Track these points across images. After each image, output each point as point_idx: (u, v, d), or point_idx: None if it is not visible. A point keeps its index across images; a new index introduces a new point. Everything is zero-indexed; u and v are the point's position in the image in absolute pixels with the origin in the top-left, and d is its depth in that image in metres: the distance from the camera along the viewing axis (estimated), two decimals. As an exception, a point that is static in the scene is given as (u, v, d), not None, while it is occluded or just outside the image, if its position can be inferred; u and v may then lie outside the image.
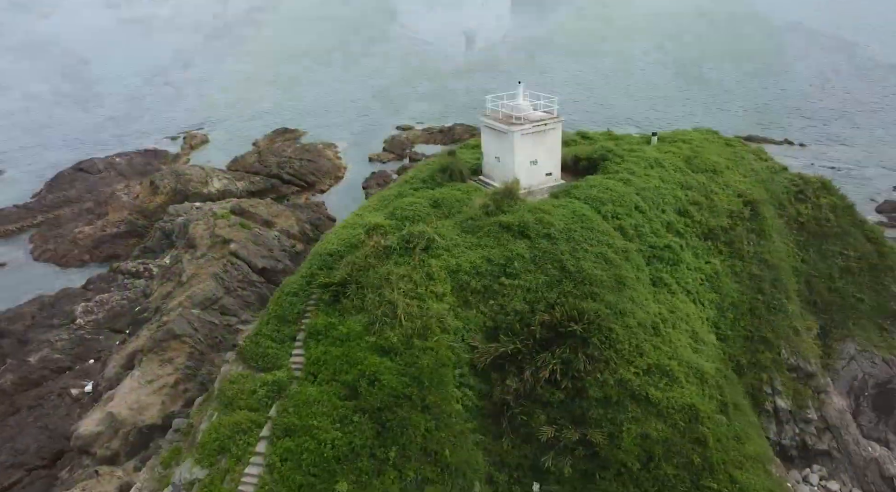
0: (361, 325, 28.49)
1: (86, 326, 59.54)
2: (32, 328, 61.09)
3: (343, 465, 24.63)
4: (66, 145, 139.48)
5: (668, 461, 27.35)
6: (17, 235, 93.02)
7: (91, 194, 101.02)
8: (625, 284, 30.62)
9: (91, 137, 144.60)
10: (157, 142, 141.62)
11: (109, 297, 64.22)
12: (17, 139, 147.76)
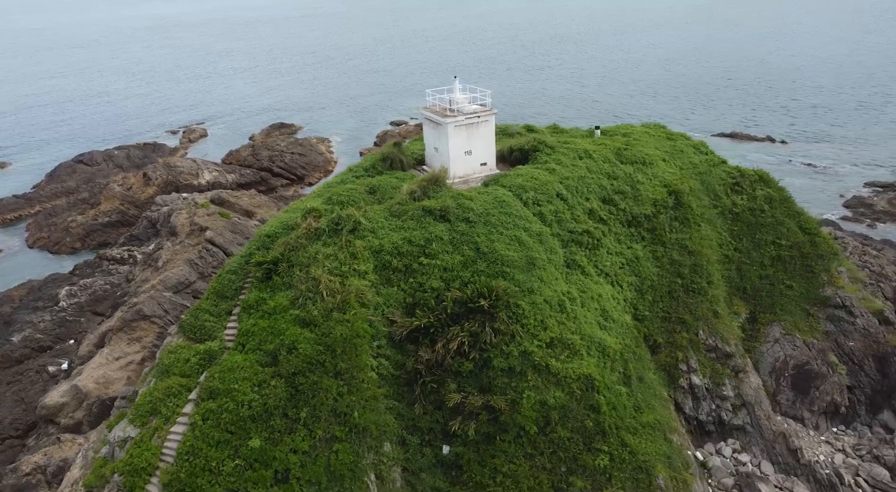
0: (288, 299, 30.77)
1: (68, 309, 62.12)
2: (18, 310, 63.73)
3: (257, 423, 26.93)
4: (72, 139, 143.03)
5: (564, 426, 29.49)
6: (15, 223, 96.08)
7: (87, 185, 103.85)
8: (535, 265, 32.72)
9: (96, 131, 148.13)
10: (158, 136, 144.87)
11: (93, 282, 66.80)
12: (28, 134, 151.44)
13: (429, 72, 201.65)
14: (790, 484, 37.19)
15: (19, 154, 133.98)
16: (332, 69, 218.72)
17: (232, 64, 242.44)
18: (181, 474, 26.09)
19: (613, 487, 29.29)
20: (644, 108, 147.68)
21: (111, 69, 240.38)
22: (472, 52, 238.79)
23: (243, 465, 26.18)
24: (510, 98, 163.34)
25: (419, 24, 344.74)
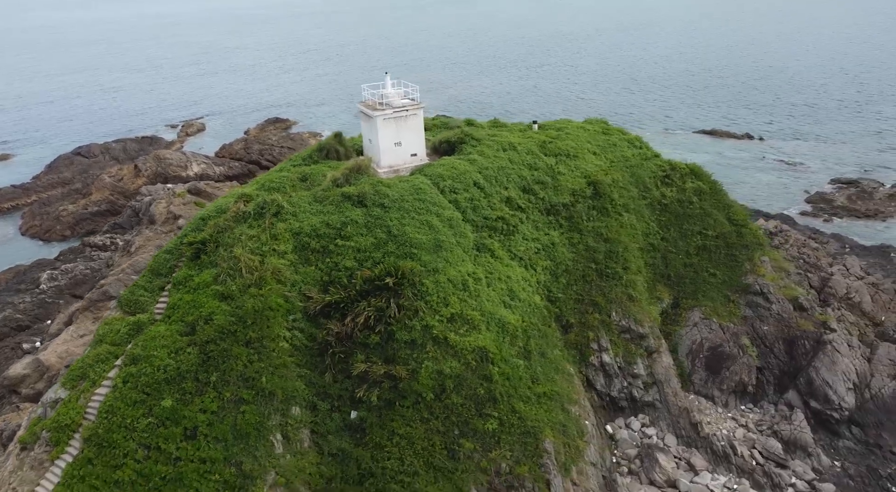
0: (211, 276, 33.29)
1: (48, 291, 65.03)
2: (2, 292, 66.73)
3: (171, 385, 29.48)
4: (75, 133, 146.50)
5: (457, 393, 31.82)
6: (11, 212, 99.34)
7: (82, 177, 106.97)
8: (442, 247, 35.02)
9: (99, 126, 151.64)
10: (158, 130, 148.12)
11: (74, 266, 69.70)
12: (33, 128, 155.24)
13: (430, 67, 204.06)
14: (688, 455, 39.38)
15: (23, 147, 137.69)
16: (334, 66, 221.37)
17: (236, 61, 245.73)
18: (100, 430, 28.70)
19: (502, 449, 31.61)
20: (630, 104, 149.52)
21: (119, 66, 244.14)
22: (475, 48, 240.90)
23: (156, 422, 28.74)
24: (501, 94, 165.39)
25: (427, 21, 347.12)
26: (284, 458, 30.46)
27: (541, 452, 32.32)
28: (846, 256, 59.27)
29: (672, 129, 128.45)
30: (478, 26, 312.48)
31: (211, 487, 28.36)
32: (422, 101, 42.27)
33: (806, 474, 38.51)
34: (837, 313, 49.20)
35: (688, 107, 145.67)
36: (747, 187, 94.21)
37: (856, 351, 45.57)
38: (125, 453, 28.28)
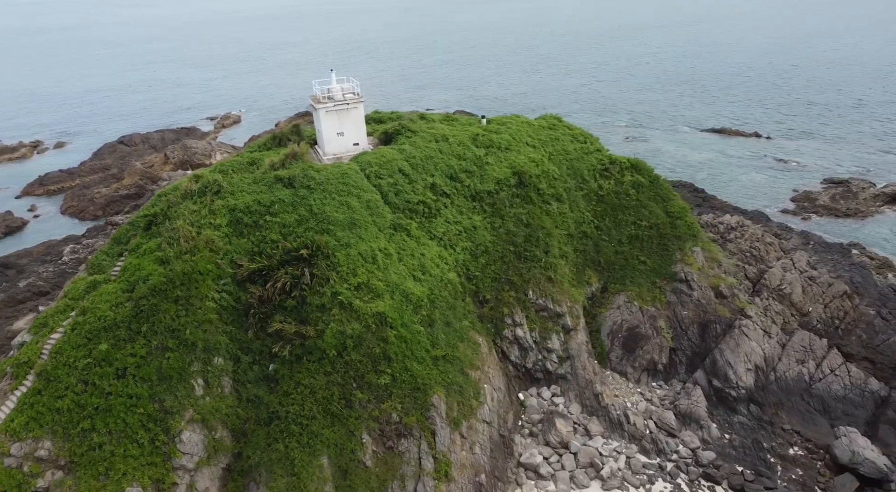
0: (156, 244, 38.13)
1: (69, 263, 71.82)
2: (31, 263, 73.90)
3: (108, 333, 34.40)
4: (125, 123, 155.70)
5: (356, 351, 35.81)
6: (56, 193, 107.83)
7: (119, 163, 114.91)
8: (356, 225, 39.00)
9: (146, 117, 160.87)
10: (197, 121, 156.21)
11: (94, 242, 76.43)
12: (89, 118, 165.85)
13: (466, 65, 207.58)
14: (587, 422, 42.39)
15: (77, 136, 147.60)
16: (374, 63, 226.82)
17: (282, 57, 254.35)
18: (48, 367, 33.88)
19: (393, 401, 35.47)
20: (643, 102, 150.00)
21: (177, 62, 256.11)
22: (509, 45, 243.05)
23: (93, 362, 33.72)
24: (525, 92, 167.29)
25: (473, 16, 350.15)
26: (204, 399, 35.07)
27: (428, 406, 36.03)
28: (796, 252, 60.44)
29: (680, 126, 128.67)
30: (515, 22, 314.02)
31: (135, 418, 33.22)
32: (362, 96, 46.27)
33: (692, 442, 41.06)
34: (765, 303, 51.04)
35: (704, 105, 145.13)
36: (738, 185, 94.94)
37: (771, 337, 47.55)
38: (66, 386, 33.37)
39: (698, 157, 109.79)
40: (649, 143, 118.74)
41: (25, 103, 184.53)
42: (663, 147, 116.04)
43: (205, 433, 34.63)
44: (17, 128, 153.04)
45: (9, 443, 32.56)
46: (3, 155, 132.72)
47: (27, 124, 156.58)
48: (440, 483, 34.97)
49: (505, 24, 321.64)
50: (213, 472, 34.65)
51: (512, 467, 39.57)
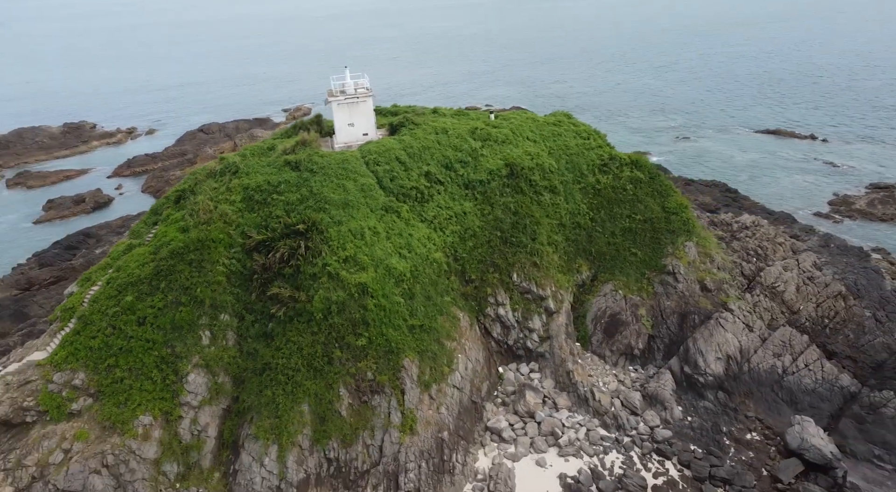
0: (181, 215, 43.94)
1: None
2: (109, 233, 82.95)
3: (133, 287, 40.37)
4: (209, 112, 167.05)
5: (339, 315, 40.28)
6: (140, 174, 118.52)
7: (195, 149, 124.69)
8: (349, 205, 43.42)
9: (230, 108, 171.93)
10: (272, 113, 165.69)
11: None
12: (179, 108, 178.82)
13: (534, 62, 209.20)
14: (556, 395, 45.30)
15: (167, 124, 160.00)
16: (445, 58, 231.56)
17: (366, 52, 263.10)
18: (86, 313, 40.22)
19: (368, 361, 39.78)
20: (704, 101, 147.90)
21: (264, 56, 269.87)
22: (583, 42, 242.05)
23: (120, 311, 39.79)
24: (587, 90, 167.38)
25: (552, 14, 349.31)
26: (209, 349, 40.55)
27: (399, 368, 40.13)
28: (804, 253, 60.40)
29: (735, 127, 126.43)
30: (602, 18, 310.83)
31: (151, 359, 39.05)
32: (372, 90, 50.64)
33: (653, 421, 43.26)
34: (755, 299, 52.00)
35: (765, 106, 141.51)
36: (777, 186, 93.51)
37: (753, 331, 48.74)
38: (98, 329, 39.57)
39: (745, 158, 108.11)
40: (698, 143, 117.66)
41: (127, 94, 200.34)
42: (711, 147, 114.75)
43: (208, 377, 40.09)
44: (118, 116, 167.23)
45: (53, 372, 39.04)
46: (103, 140, 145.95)
47: (126, 113, 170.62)
48: (405, 435, 39.02)
49: (583, 22, 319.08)
50: (214, 411, 40.07)
51: (479, 431, 43.12)
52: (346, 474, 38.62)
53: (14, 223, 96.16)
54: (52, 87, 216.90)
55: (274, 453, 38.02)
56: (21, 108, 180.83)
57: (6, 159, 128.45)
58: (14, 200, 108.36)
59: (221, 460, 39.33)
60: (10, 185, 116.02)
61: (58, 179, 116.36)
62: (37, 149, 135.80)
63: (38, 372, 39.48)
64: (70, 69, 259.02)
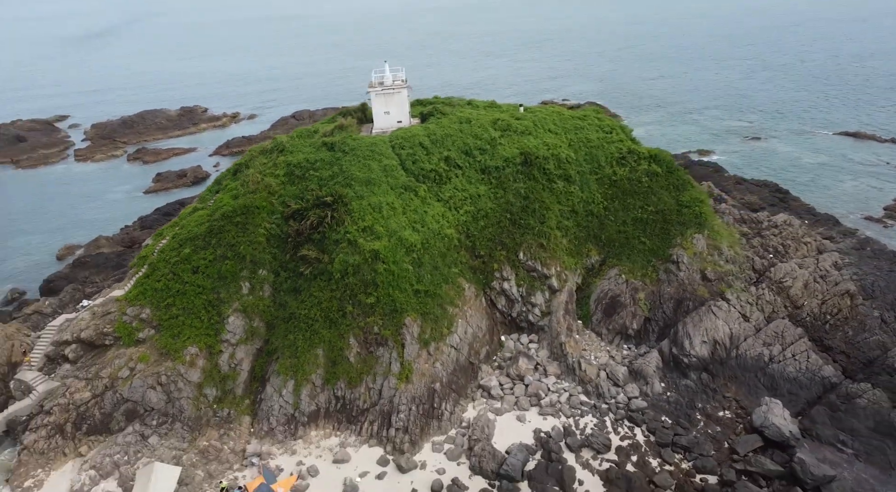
0: (235, 185, 51.48)
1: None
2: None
3: (190, 242, 48.22)
4: (304, 101, 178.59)
5: (353, 276, 46.31)
6: (236, 154, 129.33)
7: (286, 132, 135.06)
8: (371, 182, 49.27)
9: (324, 97, 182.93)
10: (356, 101, 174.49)
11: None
12: (282, 96, 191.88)
13: (617, 58, 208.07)
14: (547, 364, 49.34)
15: (268, 109, 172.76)
16: (529, 52, 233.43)
17: (450, 46, 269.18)
18: (155, 261, 48.56)
19: (375, 317, 45.60)
20: (786, 101, 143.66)
21: (358, 52, 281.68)
22: (673, 38, 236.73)
23: (179, 260, 47.77)
24: (665, 87, 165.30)
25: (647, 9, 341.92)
26: (247, 297, 47.82)
27: (402, 325, 45.69)
28: (827, 253, 60.46)
29: (812, 128, 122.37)
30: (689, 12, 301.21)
31: (200, 302, 46.75)
32: (408, 82, 56.24)
33: (632, 393, 46.50)
34: (759, 292, 53.47)
35: (849, 108, 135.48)
36: (835, 189, 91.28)
37: (749, 320, 50.59)
38: (162, 274, 47.75)
39: (812, 159, 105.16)
40: (767, 143, 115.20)
41: (239, 83, 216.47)
42: (780, 148, 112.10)
43: (245, 321, 47.38)
44: (226, 102, 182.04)
45: (126, 307, 47.62)
46: (211, 122, 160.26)
47: (234, 100, 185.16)
48: (401, 383, 44.60)
49: (688, 16, 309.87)
50: (248, 349, 47.34)
51: (472, 388, 48.02)
52: (349, 411, 44.75)
53: (128, 192, 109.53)
54: (180, 75, 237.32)
55: (291, 387, 44.72)
56: (152, 93, 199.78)
57: (129, 137, 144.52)
58: (131, 173, 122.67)
59: (251, 389, 46.49)
60: (129, 159, 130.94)
61: (168, 156, 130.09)
62: (155, 129, 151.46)
63: (116, 306, 48.24)
64: (196, 60, 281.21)
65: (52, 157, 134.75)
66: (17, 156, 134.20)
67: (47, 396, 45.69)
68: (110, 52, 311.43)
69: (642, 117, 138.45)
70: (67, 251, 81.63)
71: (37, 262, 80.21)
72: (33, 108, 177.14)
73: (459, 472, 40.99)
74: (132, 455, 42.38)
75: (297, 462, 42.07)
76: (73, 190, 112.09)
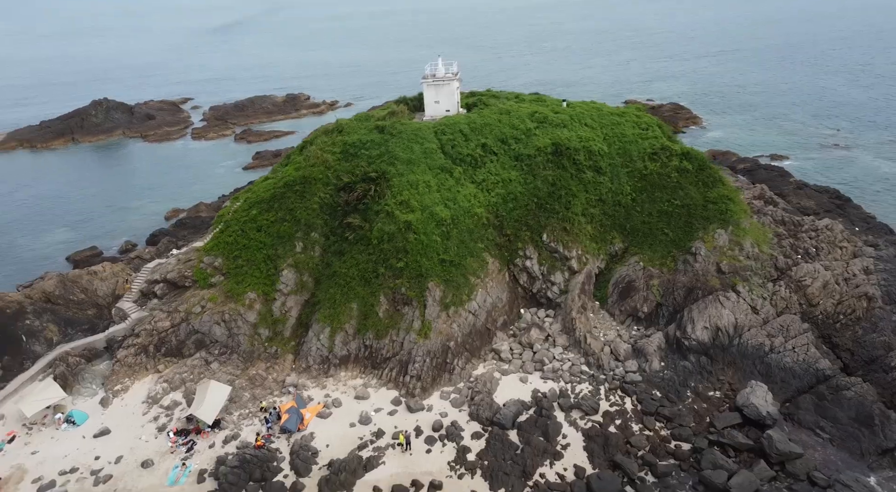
0: (299, 160, 58.99)
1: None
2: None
3: (258, 205, 56.15)
4: (402, 90, 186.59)
5: (388, 243, 52.45)
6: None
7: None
8: (412, 162, 55.07)
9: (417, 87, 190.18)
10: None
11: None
12: (379, 88, 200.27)
13: (720, 61, 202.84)
14: (557, 336, 53.39)
15: (364, 99, 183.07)
16: (631, 52, 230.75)
17: (550, 43, 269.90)
18: (229, 219, 56.99)
19: (402, 279, 51.59)
20: (882, 109, 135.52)
21: (472, 46, 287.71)
22: (785, 40, 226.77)
23: (247, 220, 55.85)
24: (758, 91, 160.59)
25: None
26: (299, 255, 55.18)
27: (425, 289, 51.38)
28: (859, 258, 60.24)
29: (889, 136, 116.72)
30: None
31: (260, 256, 54.63)
32: (458, 74, 61.60)
33: (630, 368, 49.83)
34: (775, 288, 54.86)
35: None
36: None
37: (758, 313, 52.40)
38: (233, 230, 56.03)
39: (890, 169, 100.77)
40: (848, 151, 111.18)
41: (342, 72, 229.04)
42: (860, 157, 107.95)
43: (296, 275, 54.76)
44: (328, 90, 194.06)
45: (204, 256, 56.31)
46: (310, 109, 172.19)
47: (335, 89, 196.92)
48: (420, 338, 50.35)
49: (803, 17, 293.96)
50: (297, 299, 54.71)
51: (486, 350, 53.02)
52: (374, 358, 51.07)
53: (231, 168, 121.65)
54: (294, 64, 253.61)
55: (328, 333, 51.61)
56: (265, 81, 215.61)
57: (238, 119, 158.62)
58: (236, 151, 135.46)
59: (296, 333, 53.82)
60: (236, 139, 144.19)
61: (269, 137, 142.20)
62: (262, 112, 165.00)
63: (196, 255, 57.11)
64: (312, 51, 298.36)
65: (174, 134, 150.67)
66: (146, 131, 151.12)
67: (138, 322, 55.17)
68: (238, 42, 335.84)
69: (724, 119, 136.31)
70: (173, 213, 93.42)
71: (149, 220, 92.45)
72: (164, 91, 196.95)
73: (459, 417, 46.24)
74: (196, 375, 50.75)
75: (325, 395, 48.86)
76: (186, 163, 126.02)
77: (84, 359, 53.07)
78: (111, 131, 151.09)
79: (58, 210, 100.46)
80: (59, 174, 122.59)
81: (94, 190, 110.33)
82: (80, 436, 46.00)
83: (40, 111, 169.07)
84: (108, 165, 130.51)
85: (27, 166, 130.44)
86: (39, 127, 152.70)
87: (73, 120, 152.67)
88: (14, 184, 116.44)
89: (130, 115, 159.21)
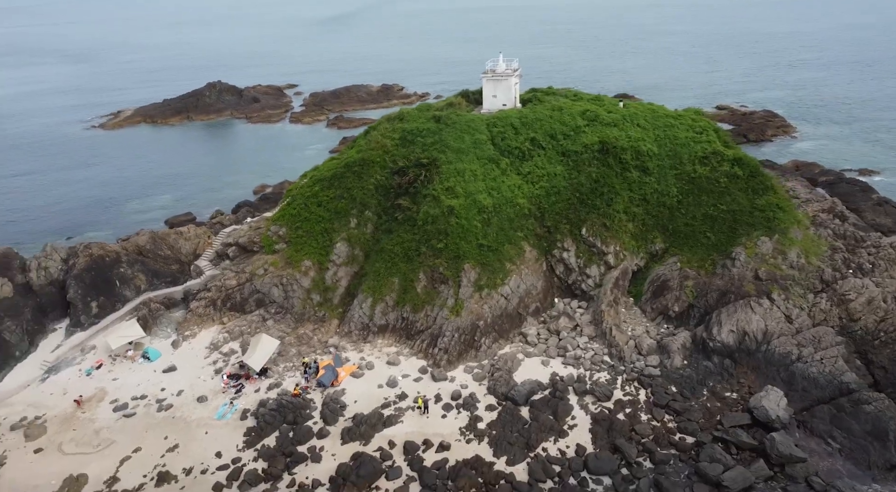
0: (362, 144, 63.50)
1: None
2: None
3: (319, 183, 61.16)
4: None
5: (431, 225, 55.82)
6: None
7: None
8: (461, 151, 58.00)
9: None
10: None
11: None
12: (465, 79, 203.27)
13: (824, 67, 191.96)
14: (585, 326, 54.89)
15: (451, 91, 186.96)
16: (740, 55, 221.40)
17: (654, 43, 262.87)
18: (295, 194, 62.48)
19: (441, 259, 54.91)
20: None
21: (566, 42, 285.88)
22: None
23: (310, 195, 61.02)
24: (866, 98, 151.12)
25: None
26: (353, 230, 59.72)
27: (461, 270, 54.46)
28: (916, 275, 57.38)
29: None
30: None
31: (318, 228, 59.62)
32: (518, 70, 63.84)
33: (651, 363, 50.70)
34: (816, 300, 53.73)
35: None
36: None
37: (791, 322, 51.70)
38: (298, 203, 61.38)
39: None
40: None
41: (439, 65, 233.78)
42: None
43: (349, 248, 59.38)
44: (421, 82, 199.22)
45: (271, 225, 62.11)
46: (402, 99, 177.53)
47: (429, 81, 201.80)
48: (452, 314, 53.54)
49: None
50: (348, 270, 59.35)
51: (515, 333, 55.42)
52: (409, 329, 54.80)
53: (319, 150, 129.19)
54: (394, 56, 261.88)
55: (370, 303, 55.84)
56: (365, 72, 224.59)
57: (333, 106, 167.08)
58: (327, 135, 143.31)
59: (344, 301, 58.45)
60: (329, 124, 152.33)
61: (358, 124, 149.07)
62: (355, 101, 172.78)
63: (264, 223, 63.03)
64: (414, 44, 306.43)
65: (275, 117, 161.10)
66: (250, 113, 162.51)
67: (210, 279, 61.78)
68: (345, 33, 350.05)
69: (820, 130, 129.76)
70: (260, 188, 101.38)
71: (239, 193, 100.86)
72: (271, 77, 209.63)
73: (478, 390, 49.11)
74: (253, 329, 56.47)
75: (361, 357, 53.15)
76: (280, 143, 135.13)
77: (163, 306, 60.22)
78: (221, 111, 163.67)
79: (165, 178, 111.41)
80: (171, 147, 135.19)
81: (198, 163, 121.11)
82: (151, 370, 52.75)
83: (164, 90, 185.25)
84: (213, 141, 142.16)
85: (147, 139, 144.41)
86: (162, 104, 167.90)
87: (190, 99, 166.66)
88: (134, 154, 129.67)
89: (239, 98, 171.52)
